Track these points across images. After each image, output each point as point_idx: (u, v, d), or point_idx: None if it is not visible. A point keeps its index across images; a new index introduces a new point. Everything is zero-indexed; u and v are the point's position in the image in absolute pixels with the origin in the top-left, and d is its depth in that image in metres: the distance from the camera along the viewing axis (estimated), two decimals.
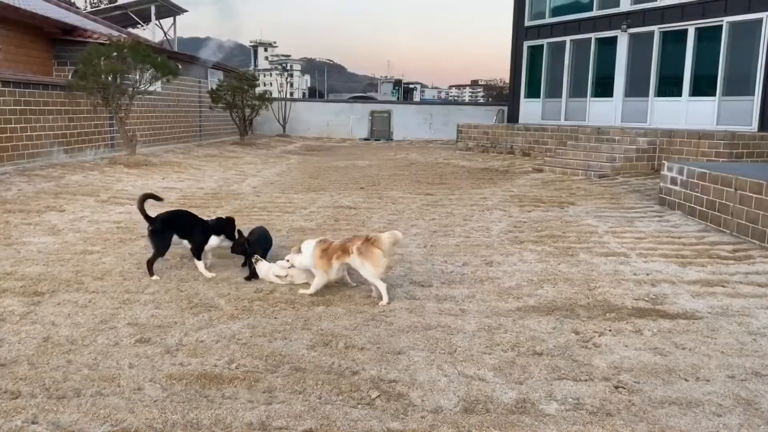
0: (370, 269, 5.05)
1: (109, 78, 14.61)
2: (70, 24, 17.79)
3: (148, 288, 5.38)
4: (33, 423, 3.13)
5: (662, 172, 10.12)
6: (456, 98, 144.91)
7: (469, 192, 11.58)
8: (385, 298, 5.06)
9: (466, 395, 3.53)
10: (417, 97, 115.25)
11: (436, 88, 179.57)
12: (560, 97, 21.09)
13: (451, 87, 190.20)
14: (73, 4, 38.23)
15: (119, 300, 5.05)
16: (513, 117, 23.00)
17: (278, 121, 30.64)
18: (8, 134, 12.85)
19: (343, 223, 8.43)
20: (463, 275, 5.96)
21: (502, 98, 49.10)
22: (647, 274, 6.07)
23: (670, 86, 17.84)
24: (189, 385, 3.55)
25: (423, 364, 3.92)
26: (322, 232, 7.81)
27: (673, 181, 9.64)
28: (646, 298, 5.33)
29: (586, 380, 3.74)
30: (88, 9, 39.70)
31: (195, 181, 12.54)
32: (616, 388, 3.64)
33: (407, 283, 5.67)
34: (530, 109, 22.33)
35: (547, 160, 16.11)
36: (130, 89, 15.23)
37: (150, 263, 5.72)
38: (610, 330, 4.57)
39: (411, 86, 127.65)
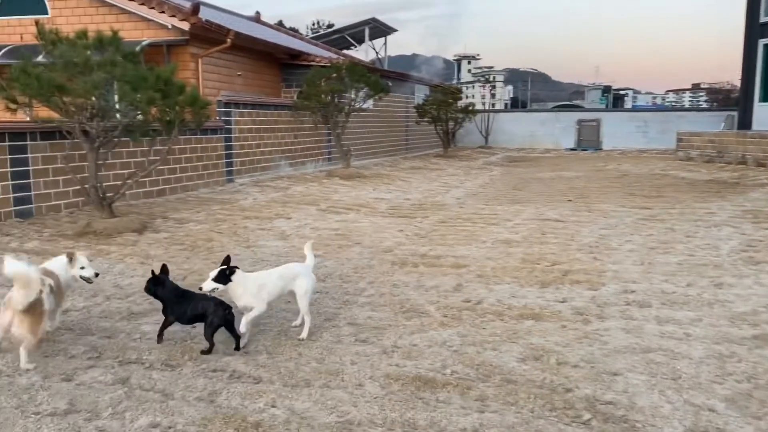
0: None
1: (329, 97, 15.92)
2: (296, 49, 19.72)
3: (364, 291, 5.76)
4: (272, 407, 3.51)
5: None
6: (674, 104, 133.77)
7: (692, 206, 10.61)
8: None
9: (694, 425, 3.26)
10: (628, 104, 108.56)
11: (650, 93, 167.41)
12: None
13: (668, 92, 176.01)
14: (297, 31, 42.29)
15: (340, 301, 5.47)
16: (744, 123, 20.57)
17: (480, 133, 30.83)
18: (246, 150, 14.61)
19: (551, 236, 8.23)
20: (688, 296, 5.49)
21: (730, 103, 44.28)
22: None
23: None
24: (405, 385, 3.74)
25: (643, 388, 3.69)
26: (528, 245, 7.71)
27: None
28: None
29: None
30: (310, 35, 43.60)
31: (402, 192, 13.12)
32: None
33: (622, 302, 5.37)
34: (766, 115, 19.80)
35: None
36: (346, 107, 16.44)
37: None
38: None
39: (621, 92, 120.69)
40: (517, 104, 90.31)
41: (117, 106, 8.70)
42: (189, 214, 9.79)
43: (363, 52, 34.27)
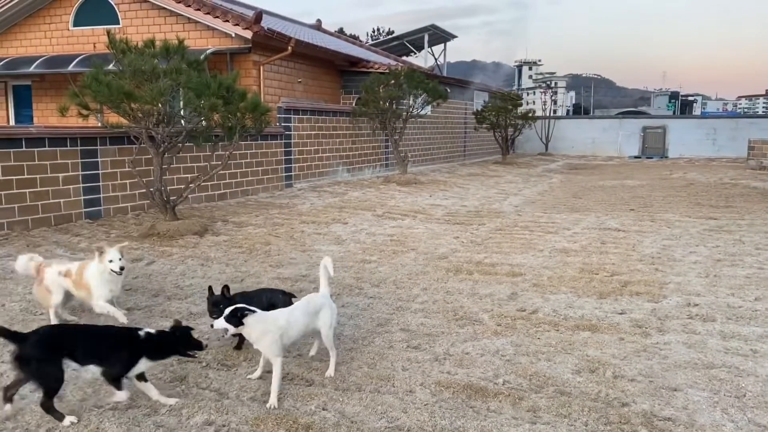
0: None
1: (387, 104, 16.01)
2: (355, 56, 19.91)
3: (417, 298, 5.75)
4: (323, 410, 3.55)
5: None
6: (746, 110, 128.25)
7: (763, 217, 10.13)
8: None
9: None
10: (697, 111, 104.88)
11: (720, 99, 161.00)
12: None
13: (740, 98, 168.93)
14: (357, 38, 42.75)
15: (393, 307, 5.48)
16: None
17: (540, 140, 30.37)
18: (305, 155, 14.85)
19: (611, 246, 8.02)
20: (755, 311, 5.24)
21: None
22: None
23: None
24: (456, 393, 3.71)
25: (704, 405, 3.55)
26: (587, 254, 7.54)
27: None
28: None
29: None
30: (370, 42, 44.02)
31: (458, 199, 13.04)
32: None
33: (684, 315, 5.18)
34: None
35: None
36: (404, 113, 16.49)
37: None
38: None
39: (690, 98, 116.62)
40: (579, 111, 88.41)
41: (182, 113, 9.01)
42: (248, 217, 10.02)
43: (422, 59, 34.28)
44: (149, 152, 8.90)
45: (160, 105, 8.33)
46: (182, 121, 9.05)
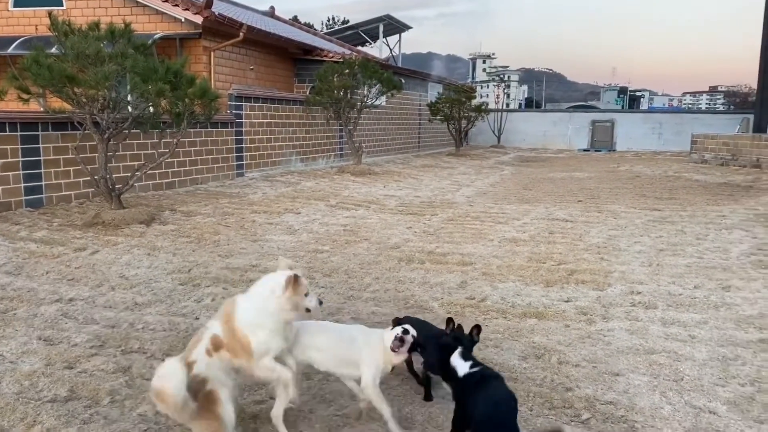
0: None
1: (341, 93, 15.92)
2: (309, 45, 19.72)
3: (369, 287, 5.75)
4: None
5: None
6: (690, 106, 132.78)
7: (704, 209, 10.51)
8: None
9: (694, 427, 3.23)
10: (644, 106, 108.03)
11: (666, 95, 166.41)
12: None
13: (684, 94, 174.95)
14: (311, 26, 42.33)
15: (344, 296, 5.46)
16: (761, 127, 20.34)
17: (493, 132, 30.73)
18: (256, 144, 14.65)
19: (558, 236, 8.18)
20: (694, 299, 5.43)
21: (747, 106, 43.86)
22: None
23: None
24: (405, 380, 3.73)
25: (644, 389, 3.66)
26: (535, 244, 7.67)
27: None
28: None
29: None
30: (324, 30, 43.64)
31: (412, 190, 13.09)
32: None
33: (628, 303, 5.33)
34: None
35: None
36: (359, 103, 16.43)
37: None
38: None
39: (638, 94, 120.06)
40: (531, 104, 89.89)
41: (128, 98, 8.75)
42: (197, 207, 9.83)
43: (377, 49, 34.21)
44: (94, 139, 8.62)
45: (105, 90, 8.07)
46: (128, 107, 8.79)
